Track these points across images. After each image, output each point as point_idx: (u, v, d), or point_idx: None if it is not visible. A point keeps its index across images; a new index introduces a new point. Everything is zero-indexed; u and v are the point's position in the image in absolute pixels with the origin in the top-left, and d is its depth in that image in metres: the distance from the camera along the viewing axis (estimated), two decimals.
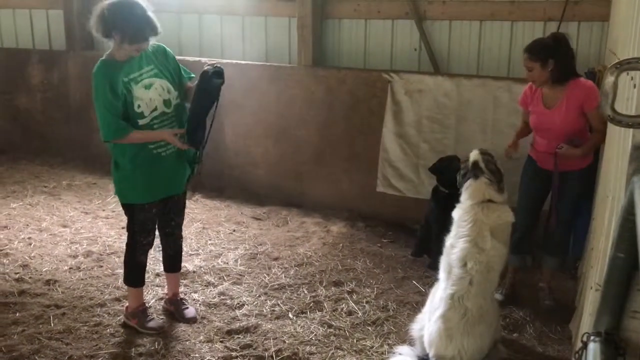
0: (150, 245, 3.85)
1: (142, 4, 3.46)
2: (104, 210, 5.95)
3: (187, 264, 4.68)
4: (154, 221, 3.80)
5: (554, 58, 3.88)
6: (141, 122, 3.53)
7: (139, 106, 3.50)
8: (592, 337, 1.51)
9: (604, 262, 2.04)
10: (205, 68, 3.59)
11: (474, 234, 3.34)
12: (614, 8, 4.55)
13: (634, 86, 1.60)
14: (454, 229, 3.49)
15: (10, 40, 7.99)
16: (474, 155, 3.70)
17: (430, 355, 3.32)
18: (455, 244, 3.36)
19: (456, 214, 3.55)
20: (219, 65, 3.64)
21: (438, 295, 3.31)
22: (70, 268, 4.70)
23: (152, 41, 3.57)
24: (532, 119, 4.14)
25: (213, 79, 3.57)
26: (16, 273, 4.57)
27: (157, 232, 3.94)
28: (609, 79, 1.42)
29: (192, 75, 3.83)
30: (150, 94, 3.54)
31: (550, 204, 4.14)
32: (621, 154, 1.97)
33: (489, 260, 3.28)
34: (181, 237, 4.06)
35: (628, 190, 1.39)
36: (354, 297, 4.34)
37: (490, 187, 3.54)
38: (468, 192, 3.58)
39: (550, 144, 4.03)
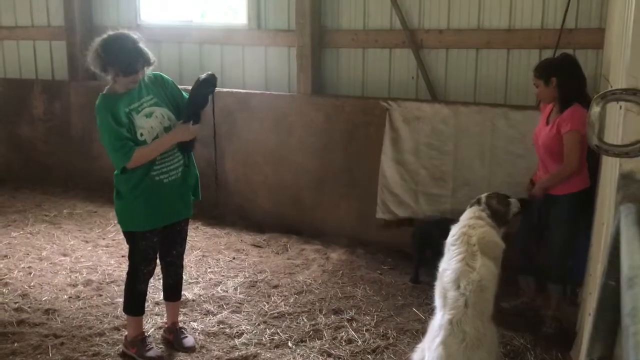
0: (151, 274, 3.86)
1: (133, 37, 3.56)
2: (104, 238, 5.96)
3: (186, 293, 4.67)
4: (155, 250, 3.82)
5: (556, 76, 4.00)
6: None
7: (141, 134, 3.57)
8: None
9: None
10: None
11: (463, 251, 3.41)
12: (607, 36, 4.62)
13: (622, 115, 1.64)
14: (446, 252, 3.54)
15: (13, 71, 8.10)
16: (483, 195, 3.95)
17: None
18: (447, 267, 3.40)
19: (449, 236, 3.64)
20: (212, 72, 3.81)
21: (436, 323, 3.31)
22: (69, 297, 4.70)
23: (149, 70, 3.65)
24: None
25: (201, 79, 3.75)
26: (15, 302, 4.57)
27: (157, 261, 3.96)
28: (595, 110, 1.45)
29: None
30: (151, 122, 3.60)
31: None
32: (613, 182, 2.00)
33: (481, 279, 3.29)
34: (182, 266, 4.07)
35: (615, 219, 1.41)
36: (354, 325, 4.32)
37: (483, 212, 3.76)
38: (462, 216, 3.78)
39: (539, 161, 4.22)
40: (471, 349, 3.15)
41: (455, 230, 3.63)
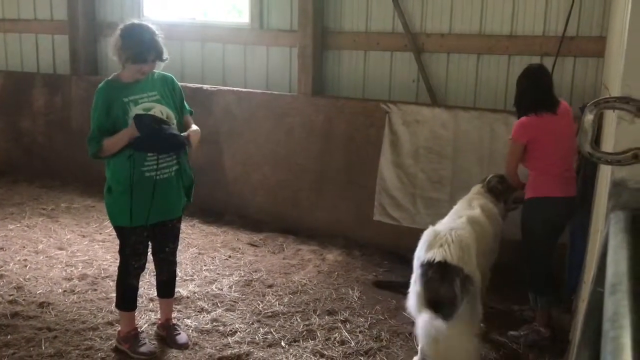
0: (142, 269, 3.86)
1: (153, 29, 3.61)
2: (100, 233, 5.96)
3: (181, 290, 4.68)
4: (145, 245, 3.82)
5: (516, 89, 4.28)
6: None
7: None
8: None
9: None
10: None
11: (464, 203, 4.19)
12: (608, 44, 4.63)
13: (615, 123, 1.64)
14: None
15: (15, 64, 8.11)
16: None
17: (421, 254, 3.62)
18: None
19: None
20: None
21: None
22: (64, 291, 4.70)
23: (160, 68, 3.67)
24: None
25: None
26: (10, 295, 4.58)
27: (151, 257, 3.96)
28: (588, 117, 1.45)
29: (192, 111, 3.93)
30: None
31: None
32: (605, 190, 2.00)
33: (476, 215, 3.96)
34: (175, 263, 4.07)
35: (606, 227, 1.41)
36: (348, 326, 4.32)
37: (482, 188, 4.32)
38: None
39: None
40: (456, 236, 3.64)
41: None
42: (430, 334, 3.34)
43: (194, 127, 3.82)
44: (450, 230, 3.67)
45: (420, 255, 3.63)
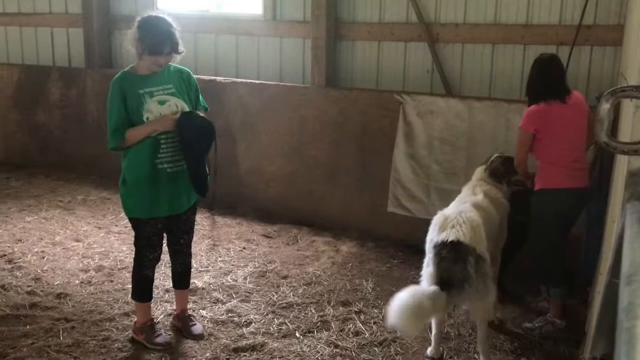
0: (157, 260, 3.89)
1: (169, 21, 3.62)
2: (116, 225, 6.02)
3: (196, 281, 4.72)
4: (160, 236, 3.84)
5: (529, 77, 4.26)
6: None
7: (147, 118, 3.58)
8: None
9: None
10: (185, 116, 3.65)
11: (469, 190, 4.16)
12: (626, 32, 4.56)
13: (632, 112, 1.62)
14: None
15: (31, 57, 8.18)
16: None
17: (434, 236, 3.64)
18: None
19: None
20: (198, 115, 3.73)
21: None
22: (81, 282, 4.76)
23: (176, 61, 3.68)
24: None
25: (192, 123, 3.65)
26: (28, 286, 4.64)
27: (166, 248, 3.99)
28: (604, 106, 1.43)
29: (207, 107, 3.94)
30: (162, 110, 3.61)
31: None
32: (622, 180, 1.98)
33: (480, 201, 3.94)
34: (190, 254, 4.09)
35: (622, 217, 1.40)
36: (362, 317, 4.33)
37: (485, 172, 4.30)
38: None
39: None
40: (465, 218, 3.65)
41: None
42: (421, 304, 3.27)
43: None
44: (459, 213, 3.69)
45: (433, 237, 3.64)
